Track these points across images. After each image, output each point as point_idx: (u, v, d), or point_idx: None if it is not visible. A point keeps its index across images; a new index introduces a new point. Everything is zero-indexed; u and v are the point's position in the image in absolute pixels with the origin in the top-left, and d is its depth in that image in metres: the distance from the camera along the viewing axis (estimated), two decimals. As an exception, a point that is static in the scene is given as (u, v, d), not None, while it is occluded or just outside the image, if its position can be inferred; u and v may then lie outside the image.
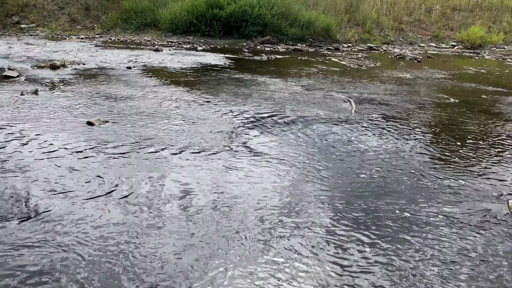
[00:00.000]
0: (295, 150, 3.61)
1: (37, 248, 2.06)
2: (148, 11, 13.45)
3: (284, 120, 4.50)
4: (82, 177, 2.86)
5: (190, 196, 2.68)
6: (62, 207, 2.46)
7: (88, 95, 5.18)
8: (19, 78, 6.01)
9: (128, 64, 7.69)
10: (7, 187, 2.67)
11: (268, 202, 2.66)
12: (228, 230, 2.31)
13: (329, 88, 6.39)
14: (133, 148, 3.43)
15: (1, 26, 13.31)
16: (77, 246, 2.09)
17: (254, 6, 12.58)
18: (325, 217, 2.51)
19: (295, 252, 2.15)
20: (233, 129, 4.10)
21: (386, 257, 2.16)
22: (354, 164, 3.36)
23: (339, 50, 12.40)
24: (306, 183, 2.96)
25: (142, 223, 2.34)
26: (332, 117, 4.70)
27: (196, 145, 3.58)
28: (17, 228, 2.23)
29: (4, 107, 4.42)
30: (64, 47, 9.63)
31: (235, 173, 3.08)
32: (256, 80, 6.80)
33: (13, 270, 1.90)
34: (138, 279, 1.89)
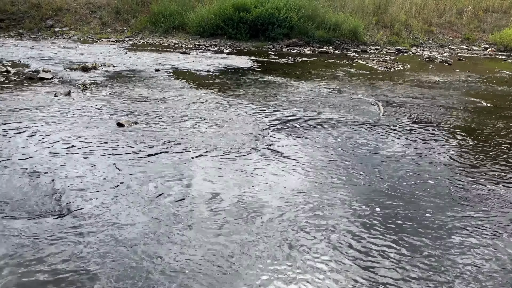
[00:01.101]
0: (321, 153, 3.58)
1: (69, 243, 2.13)
2: (176, 15, 13.67)
3: (310, 122, 4.48)
4: (112, 177, 2.93)
5: (217, 197, 2.70)
6: (93, 205, 2.53)
7: (118, 96, 5.31)
8: (53, 79, 6.22)
9: (157, 66, 7.83)
10: (42, 185, 2.77)
11: (292, 204, 2.65)
12: (251, 231, 2.32)
13: (356, 91, 6.33)
14: (161, 149, 3.49)
15: (36, 30, 13.82)
16: (106, 243, 2.15)
17: (281, 9, 12.59)
18: (350, 222, 2.48)
19: (317, 256, 2.14)
20: (259, 131, 4.12)
21: (415, 267, 2.12)
22: (381, 168, 3.31)
23: (366, 52, 12.25)
24: (331, 187, 2.94)
25: (170, 222, 2.38)
26: (360, 120, 4.65)
27: (222, 147, 3.61)
28: (51, 224, 2.30)
29: (40, 108, 4.58)
30: (95, 50, 9.91)
31: (260, 174, 3.08)
32: (282, 82, 6.80)
33: (45, 265, 1.97)
34: (168, 276, 1.92)
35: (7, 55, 8.63)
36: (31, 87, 5.67)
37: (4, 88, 5.53)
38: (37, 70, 6.85)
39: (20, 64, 7.61)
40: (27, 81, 6.06)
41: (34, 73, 6.57)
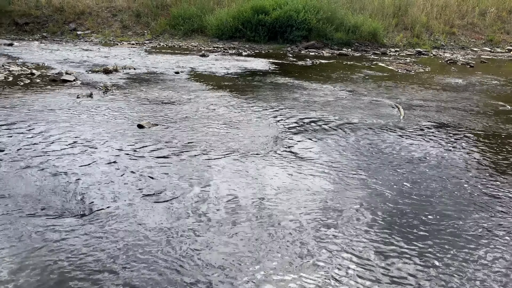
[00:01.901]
0: (340, 156, 3.56)
1: (91, 241, 2.17)
2: (196, 18, 13.80)
3: (329, 125, 4.46)
4: (133, 178, 2.97)
5: (235, 198, 2.71)
6: (114, 205, 2.57)
7: (139, 98, 5.38)
8: (76, 82, 6.35)
9: (176, 69, 7.91)
10: (65, 184, 2.83)
11: (311, 207, 2.64)
12: (269, 234, 2.31)
13: (376, 94, 6.26)
14: (181, 151, 3.53)
15: (59, 33, 14.15)
16: (126, 242, 2.18)
17: (300, 11, 12.57)
18: (369, 226, 2.46)
19: (335, 259, 2.12)
20: (277, 133, 4.12)
21: (436, 272, 2.08)
22: (401, 172, 3.26)
23: (386, 54, 12.12)
24: (350, 190, 2.91)
25: (188, 223, 2.40)
26: (379, 123, 4.60)
27: (241, 149, 3.62)
28: (75, 224, 2.35)
29: (63, 110, 4.68)
30: (116, 53, 10.08)
31: (279, 177, 3.08)
32: (301, 84, 6.78)
33: (69, 263, 2.01)
34: (188, 274, 1.94)
35: (32, 57, 8.86)
36: (54, 89, 5.80)
37: (29, 90, 5.68)
38: (60, 73, 7.01)
39: (44, 66, 7.80)
40: (51, 83, 6.21)
41: (57, 75, 6.73)
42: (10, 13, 14.73)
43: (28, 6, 14.80)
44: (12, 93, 5.44)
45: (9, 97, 5.22)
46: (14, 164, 3.12)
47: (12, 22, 14.69)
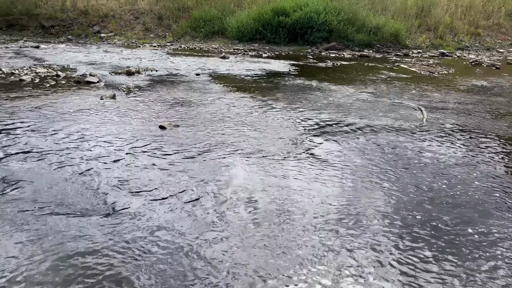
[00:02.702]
0: (361, 159, 3.52)
1: (114, 240, 2.20)
2: (216, 20, 13.90)
3: (350, 127, 4.42)
4: (156, 178, 3.01)
5: (254, 201, 2.72)
6: (136, 205, 2.61)
7: (160, 100, 5.46)
8: (99, 83, 6.48)
9: (197, 71, 7.99)
10: (89, 184, 2.89)
11: (331, 210, 2.62)
12: (287, 236, 2.31)
13: (398, 96, 6.17)
14: (201, 152, 3.56)
15: (84, 35, 14.47)
16: (148, 242, 2.21)
17: (320, 13, 12.52)
18: (389, 231, 2.42)
19: (355, 265, 2.10)
20: (297, 135, 4.10)
21: (458, 282, 2.03)
22: (423, 176, 3.21)
23: (408, 56, 11.94)
24: (371, 194, 2.88)
25: (208, 223, 2.41)
26: (402, 126, 4.53)
27: (261, 151, 3.62)
28: (98, 223, 2.40)
29: (87, 111, 4.79)
30: (138, 55, 10.24)
31: (298, 179, 3.07)
32: (321, 86, 6.75)
33: (93, 261, 2.05)
34: (206, 275, 1.95)
35: (57, 59, 9.09)
36: (79, 91, 5.94)
37: (55, 91, 5.83)
38: (84, 74, 7.17)
39: (69, 68, 8.00)
40: (75, 85, 6.35)
41: (81, 77, 6.89)
42: (37, 17, 15.15)
43: (54, 9, 15.19)
44: (39, 95, 5.59)
45: (36, 98, 5.37)
46: (41, 163, 3.21)
47: (39, 25, 15.12)
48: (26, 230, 2.31)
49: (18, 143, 3.65)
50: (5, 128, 4.05)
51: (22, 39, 14.07)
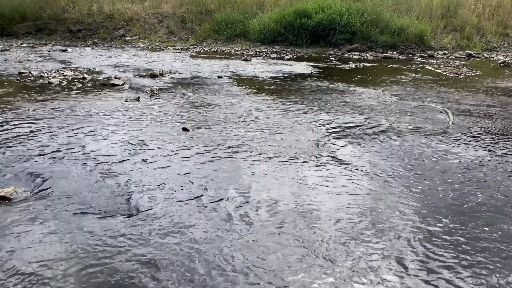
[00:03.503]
0: (385, 163, 3.47)
1: (137, 241, 2.24)
2: (239, 23, 13.98)
3: (373, 130, 4.36)
4: (178, 179, 3.05)
5: (277, 203, 2.71)
6: (160, 206, 2.65)
7: (183, 102, 5.52)
8: (124, 86, 6.61)
9: (219, 73, 8.04)
10: (114, 185, 2.95)
11: (354, 214, 2.59)
12: (308, 239, 2.29)
13: (423, 98, 6.05)
14: (223, 154, 3.58)
15: (109, 39, 14.79)
16: (170, 243, 2.23)
17: (343, 14, 12.42)
18: (413, 237, 2.37)
19: (376, 271, 2.06)
20: (319, 138, 4.08)
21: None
22: (449, 181, 3.13)
23: (433, 57, 11.70)
24: (395, 198, 2.83)
25: (230, 224, 2.42)
26: (427, 129, 4.44)
27: (283, 153, 3.62)
28: (122, 224, 2.44)
29: (112, 113, 4.89)
30: (162, 58, 10.39)
31: (321, 182, 3.05)
32: (344, 88, 6.69)
33: (116, 260, 2.09)
34: (228, 275, 1.96)
35: (84, 63, 9.32)
36: (104, 93, 6.07)
37: (81, 94, 5.98)
38: (110, 77, 7.32)
39: (94, 71, 8.19)
40: (101, 87, 6.50)
41: (107, 80, 7.04)
42: (65, 21, 15.58)
43: (81, 14, 15.59)
44: (66, 97, 5.75)
45: (63, 100, 5.52)
46: (68, 163, 3.29)
47: (66, 29, 15.54)
48: (56, 226, 2.37)
49: (47, 143, 3.75)
50: (35, 129, 4.18)
51: (50, 43, 14.50)
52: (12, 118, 4.56)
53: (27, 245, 2.21)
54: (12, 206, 2.62)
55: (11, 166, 3.23)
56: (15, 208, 2.60)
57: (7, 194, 2.72)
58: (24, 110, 4.96)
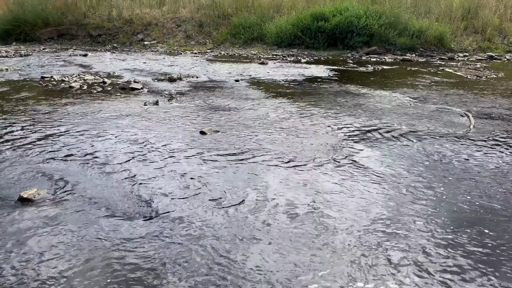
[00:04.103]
0: (404, 167, 3.42)
1: (156, 243, 2.26)
2: (256, 26, 14.04)
3: (392, 134, 4.31)
4: (196, 183, 3.07)
5: (294, 207, 2.70)
6: (178, 209, 2.67)
7: (201, 105, 5.57)
8: (143, 90, 6.71)
9: (236, 77, 8.08)
10: (132, 188, 2.99)
11: (373, 220, 2.56)
12: (325, 244, 2.28)
13: (443, 101, 5.96)
14: (240, 158, 3.59)
15: (128, 43, 15.04)
16: (190, 244, 2.25)
17: (361, 17, 12.35)
18: (431, 245, 2.33)
19: (396, 279, 2.03)
20: (337, 141, 4.05)
21: (514, 292, 1.92)
22: (470, 187, 3.07)
23: (453, 59, 11.51)
24: (415, 204, 2.79)
25: (246, 230, 2.43)
26: (447, 133, 4.37)
27: (300, 157, 3.61)
28: (141, 226, 2.47)
29: (131, 116, 4.97)
30: (180, 62, 10.51)
31: (338, 186, 3.03)
32: (361, 91, 6.63)
33: (137, 262, 2.12)
34: (246, 279, 1.96)
35: (103, 67, 9.49)
36: (123, 97, 6.17)
37: (101, 98, 6.09)
38: (129, 81, 7.44)
39: (114, 75, 8.33)
40: (120, 91, 6.61)
41: (126, 84, 7.15)
42: (85, 26, 15.92)
43: (101, 19, 15.91)
44: (87, 101, 5.86)
45: (84, 104, 5.63)
46: (88, 166, 3.35)
47: (87, 34, 15.87)
48: (77, 227, 2.42)
49: (69, 146, 3.83)
50: (56, 132, 4.27)
51: (71, 47, 14.82)
52: (34, 121, 4.68)
53: (49, 246, 2.25)
54: (34, 207, 2.68)
55: (34, 168, 3.31)
56: (38, 209, 2.66)
57: (30, 196, 2.79)
58: (46, 113, 5.08)
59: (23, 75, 8.33)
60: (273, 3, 15.26)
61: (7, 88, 6.85)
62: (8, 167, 3.34)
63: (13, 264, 2.09)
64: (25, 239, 2.32)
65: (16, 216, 2.57)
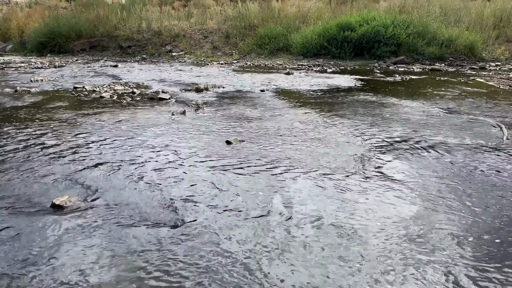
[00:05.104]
0: (433, 179, 3.34)
1: (182, 250, 2.29)
2: (281, 37, 14.11)
3: (421, 145, 4.22)
4: (222, 192, 3.09)
5: (319, 219, 2.68)
6: (204, 218, 2.69)
7: (227, 115, 5.62)
8: (171, 100, 6.83)
9: (262, 87, 8.13)
10: (160, 197, 3.04)
11: (401, 235, 2.50)
12: (351, 257, 2.24)
13: (474, 112, 5.80)
14: (266, 168, 3.59)
15: (157, 54, 15.39)
16: (215, 254, 2.26)
17: (388, 26, 12.23)
18: (464, 262, 2.25)
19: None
20: (364, 152, 4.00)
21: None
22: (504, 200, 2.96)
23: (485, 69, 11.20)
24: (445, 218, 2.71)
25: (272, 240, 2.42)
26: (478, 144, 4.24)
27: (326, 168, 3.58)
28: (167, 235, 2.51)
29: (159, 126, 5.06)
30: (207, 72, 10.66)
31: (366, 198, 2.98)
32: (389, 101, 6.54)
33: (164, 267, 2.14)
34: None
35: (133, 77, 9.74)
36: (152, 107, 6.30)
37: (131, 108, 6.24)
38: (157, 91, 7.60)
39: (143, 85, 8.53)
40: (149, 101, 6.76)
41: (154, 94, 7.31)
42: (116, 38, 16.41)
43: (131, 31, 16.37)
44: (117, 111, 6.02)
45: (114, 114, 5.78)
46: (117, 174, 3.43)
47: (117, 46, 16.35)
48: (106, 234, 2.47)
49: (99, 154, 3.94)
50: (88, 141, 4.40)
51: (102, 58, 15.30)
52: (65, 130, 4.84)
53: (79, 252, 2.31)
54: (65, 214, 2.76)
55: (66, 176, 3.42)
56: (68, 216, 2.74)
57: (62, 203, 2.87)
58: (77, 123, 5.24)
59: (56, 85, 8.65)
60: (299, 14, 15.32)
61: (42, 98, 7.12)
62: (41, 174, 3.46)
63: (46, 268, 2.15)
64: (58, 244, 2.39)
65: (49, 222, 2.65)
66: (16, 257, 2.25)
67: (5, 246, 2.37)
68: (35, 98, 7.09)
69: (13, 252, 2.31)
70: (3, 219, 2.71)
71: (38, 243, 2.39)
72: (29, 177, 3.40)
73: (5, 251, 2.32)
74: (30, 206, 2.89)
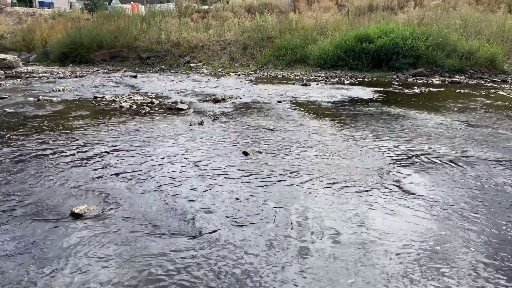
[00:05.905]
0: (454, 194, 3.26)
1: (199, 260, 2.28)
2: (298, 48, 14.15)
3: (441, 159, 4.14)
4: (239, 203, 3.08)
5: (336, 233, 2.64)
6: (222, 230, 2.68)
7: (244, 126, 5.63)
8: (189, 110, 6.89)
9: (279, 98, 8.13)
10: (178, 208, 3.04)
11: (419, 251, 2.45)
12: (370, 272, 2.19)
13: (496, 125, 5.67)
14: (282, 179, 3.57)
15: (175, 65, 15.59)
16: (232, 265, 2.24)
17: (407, 38, 12.14)
18: (489, 278, 2.18)
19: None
20: (382, 165, 3.94)
21: None
22: (532, 216, 2.87)
23: (507, 82, 10.98)
24: (467, 234, 2.64)
25: (287, 253, 2.39)
26: (501, 158, 4.14)
27: (343, 181, 3.54)
28: (185, 245, 2.50)
29: (177, 136, 5.10)
30: (224, 83, 10.74)
31: (385, 213, 2.93)
32: (407, 114, 6.46)
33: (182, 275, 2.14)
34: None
35: (152, 88, 9.88)
36: (170, 117, 6.36)
37: (149, 118, 6.31)
38: (176, 102, 7.67)
39: (161, 96, 8.63)
40: (167, 111, 6.83)
41: (173, 104, 7.38)
42: (136, 49, 16.71)
43: (151, 42, 16.65)
44: (136, 120, 6.10)
45: (133, 123, 5.86)
46: (137, 184, 3.46)
47: (137, 57, 16.64)
48: (123, 243, 2.49)
49: (118, 164, 3.99)
50: (107, 150, 4.46)
51: (122, 69, 15.58)
52: (85, 140, 4.92)
53: (97, 260, 2.33)
54: (84, 223, 2.79)
55: (84, 185, 3.46)
56: (87, 224, 2.76)
57: (81, 212, 2.91)
58: (96, 132, 5.32)
59: (77, 95, 8.83)
60: (317, 26, 15.36)
61: (63, 107, 7.27)
62: (61, 183, 3.52)
63: (65, 274, 2.17)
64: (77, 250, 2.41)
65: (69, 230, 2.68)
66: (38, 260, 2.28)
67: (29, 251, 2.41)
68: (56, 107, 7.24)
69: (36, 256, 2.34)
70: (27, 225, 2.75)
71: (57, 249, 2.42)
72: (50, 186, 3.45)
73: (30, 254, 2.36)
74: (50, 214, 2.93)
